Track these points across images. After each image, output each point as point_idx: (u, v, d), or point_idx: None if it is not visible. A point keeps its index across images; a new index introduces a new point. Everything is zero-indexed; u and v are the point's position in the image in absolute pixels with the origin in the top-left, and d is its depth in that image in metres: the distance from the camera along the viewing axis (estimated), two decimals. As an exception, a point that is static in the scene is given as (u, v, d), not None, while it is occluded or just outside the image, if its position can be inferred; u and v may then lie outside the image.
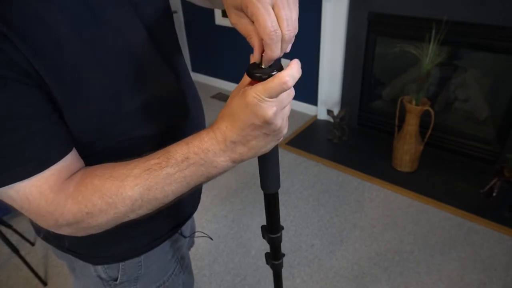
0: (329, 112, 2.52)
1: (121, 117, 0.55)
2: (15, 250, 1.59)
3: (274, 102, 0.42)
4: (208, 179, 0.49)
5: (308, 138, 2.65)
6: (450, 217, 1.91)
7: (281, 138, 0.47)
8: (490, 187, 1.95)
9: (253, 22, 0.40)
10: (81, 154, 0.53)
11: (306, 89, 2.86)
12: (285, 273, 1.68)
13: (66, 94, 0.47)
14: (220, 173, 0.48)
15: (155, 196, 0.48)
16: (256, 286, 1.63)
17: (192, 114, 0.70)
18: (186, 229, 0.82)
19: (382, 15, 2.25)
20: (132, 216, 0.50)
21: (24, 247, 1.85)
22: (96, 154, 0.56)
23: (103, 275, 0.70)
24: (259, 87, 0.41)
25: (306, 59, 2.72)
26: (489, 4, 1.86)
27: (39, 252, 1.85)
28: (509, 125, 2.07)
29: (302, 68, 0.44)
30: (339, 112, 2.48)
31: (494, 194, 1.93)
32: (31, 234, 1.92)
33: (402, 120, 2.13)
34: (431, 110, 2.00)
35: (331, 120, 2.56)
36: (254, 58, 0.43)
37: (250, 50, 0.55)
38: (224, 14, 3.03)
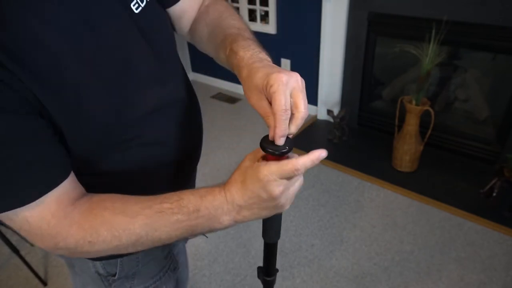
0: (329, 112, 2.53)
1: (122, 128, 0.56)
2: (15, 250, 1.59)
3: (283, 183, 0.46)
4: (210, 231, 0.53)
5: (308, 138, 2.65)
6: (450, 217, 1.91)
7: (282, 211, 0.51)
8: (490, 187, 1.95)
9: (271, 103, 0.46)
10: (86, 171, 0.54)
11: (306, 89, 2.82)
12: (285, 273, 1.68)
13: (67, 113, 0.48)
14: (221, 229, 0.52)
15: (159, 237, 0.51)
16: (256, 286, 1.63)
17: (192, 120, 0.71)
18: None
19: (382, 15, 2.25)
20: (130, 250, 0.52)
21: (24, 247, 1.85)
22: (102, 168, 0.57)
23: (102, 271, 0.71)
24: (273, 167, 0.45)
25: (306, 59, 2.72)
26: (489, 4, 1.86)
27: (39, 252, 1.85)
28: (509, 125, 2.07)
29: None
30: (339, 112, 2.48)
31: (494, 194, 1.93)
32: (31, 234, 1.92)
33: (402, 120, 2.13)
34: (431, 110, 2.00)
35: (331, 120, 2.56)
36: (270, 136, 0.48)
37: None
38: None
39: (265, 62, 0.51)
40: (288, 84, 0.45)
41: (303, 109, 0.46)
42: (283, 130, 0.45)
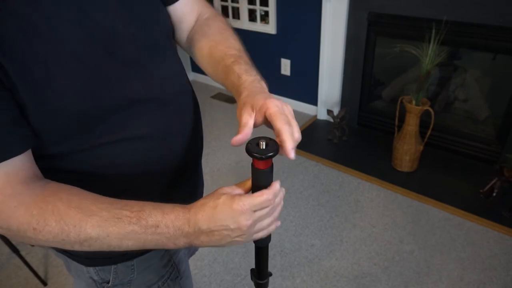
0: (329, 112, 2.53)
1: (100, 116, 0.54)
2: (15, 250, 1.59)
3: (253, 217, 0.48)
4: (162, 248, 0.52)
5: (308, 138, 2.65)
6: (450, 217, 1.91)
7: (240, 244, 0.52)
8: (490, 187, 1.95)
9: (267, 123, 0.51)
10: (60, 165, 0.54)
11: (306, 89, 2.86)
12: (285, 273, 1.68)
13: (34, 91, 0.46)
14: (172, 249, 0.53)
15: (109, 243, 0.49)
16: (256, 286, 1.62)
17: (186, 118, 0.69)
18: None
19: (382, 15, 2.25)
20: (76, 248, 0.50)
21: (24, 247, 1.85)
22: (71, 156, 0.55)
23: (95, 277, 0.70)
24: (248, 200, 0.48)
25: (306, 59, 2.72)
26: (489, 4, 1.86)
27: (39, 252, 1.85)
28: (509, 125, 2.07)
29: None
30: (339, 112, 2.48)
31: (494, 194, 1.93)
32: (31, 234, 1.92)
33: (402, 120, 2.13)
34: (431, 110, 2.00)
35: (331, 120, 2.56)
36: (237, 140, 0.50)
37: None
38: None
39: (264, 90, 0.56)
40: (282, 108, 0.50)
41: (298, 136, 0.51)
42: (292, 142, 0.49)
